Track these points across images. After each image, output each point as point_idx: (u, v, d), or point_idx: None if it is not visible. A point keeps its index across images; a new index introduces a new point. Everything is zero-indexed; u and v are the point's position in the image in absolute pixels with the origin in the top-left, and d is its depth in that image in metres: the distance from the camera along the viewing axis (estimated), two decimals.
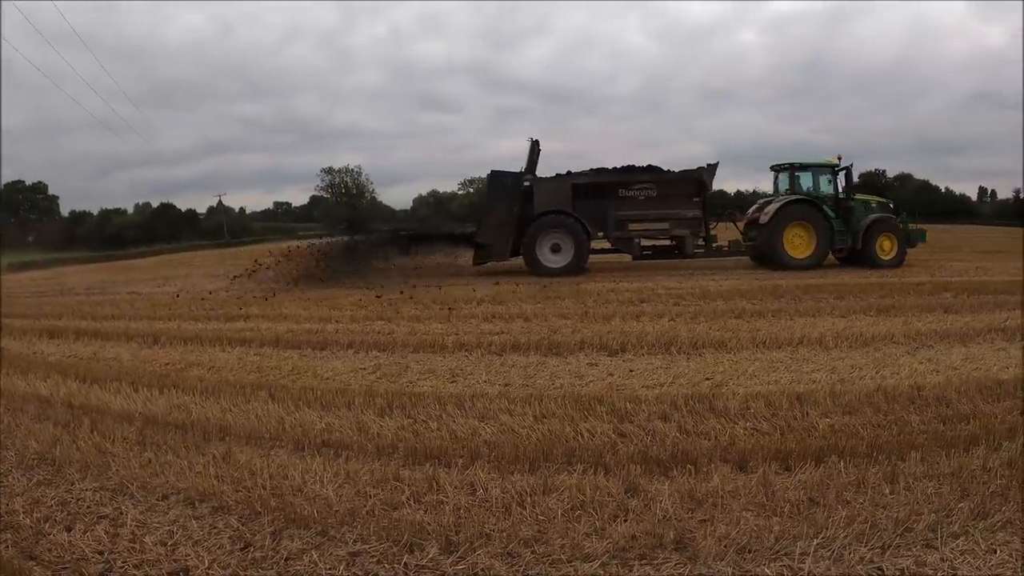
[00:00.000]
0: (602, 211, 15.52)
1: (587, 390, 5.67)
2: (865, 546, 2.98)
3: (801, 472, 3.83)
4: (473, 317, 9.60)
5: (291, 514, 3.40)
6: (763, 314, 9.36)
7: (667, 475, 3.87)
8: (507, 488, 3.68)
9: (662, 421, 4.74)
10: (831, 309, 9.68)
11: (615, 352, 7.06)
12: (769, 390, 5.43)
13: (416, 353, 7.31)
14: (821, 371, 6.16)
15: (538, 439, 4.43)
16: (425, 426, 4.81)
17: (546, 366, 6.58)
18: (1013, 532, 3.11)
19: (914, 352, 6.92)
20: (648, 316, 9.34)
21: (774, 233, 15.29)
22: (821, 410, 4.88)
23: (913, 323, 8.47)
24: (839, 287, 12.13)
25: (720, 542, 3.04)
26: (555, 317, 9.32)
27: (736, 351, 7.05)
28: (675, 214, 15.60)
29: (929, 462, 3.89)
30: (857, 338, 7.49)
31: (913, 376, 5.87)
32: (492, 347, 7.33)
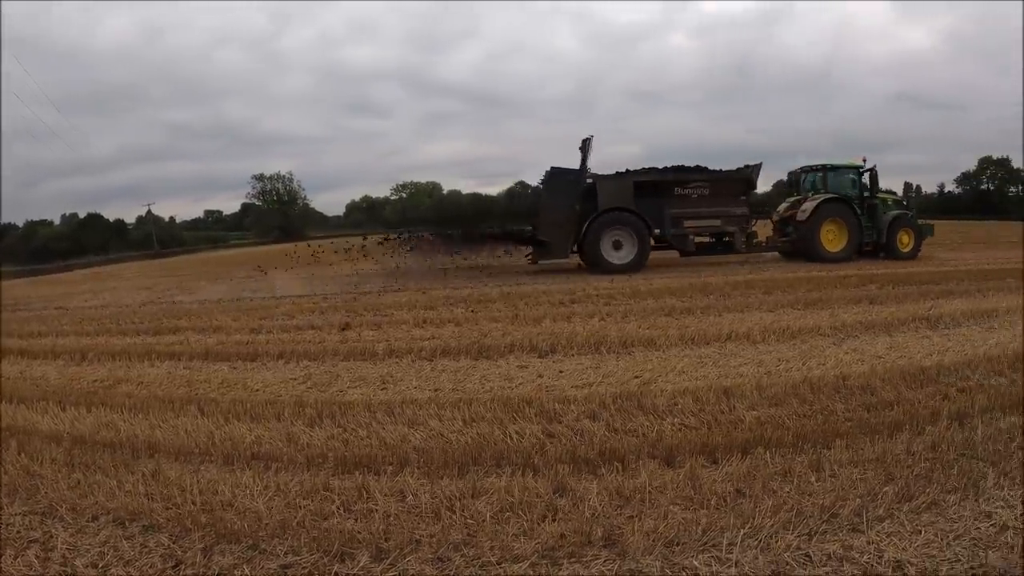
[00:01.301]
0: (659, 209, 17.75)
1: (516, 392, 6.19)
2: (792, 533, 3.46)
3: (728, 464, 4.35)
4: (404, 323, 10.24)
5: (222, 529, 3.70)
6: (692, 311, 10.37)
7: (595, 473, 4.33)
8: (436, 493, 4.05)
9: (591, 420, 5.26)
10: (759, 304, 10.85)
11: (545, 354, 7.74)
12: (697, 385, 6.09)
13: (347, 361, 7.82)
14: (748, 365, 6.91)
15: (467, 443, 4.86)
16: (355, 434, 5.20)
17: (476, 370, 7.15)
18: (938, 513, 3.68)
19: (840, 343, 7.88)
20: (579, 317, 10.18)
21: (812, 229, 18.43)
22: (748, 403, 5.53)
23: (839, 315, 9.58)
24: (768, 282, 13.56)
25: (648, 537, 3.46)
26: (486, 320, 10.08)
27: (665, 348, 7.81)
28: (725, 212, 18.18)
29: (854, 449, 4.52)
30: (784, 331, 8.43)
31: (839, 366, 6.70)
32: (423, 353, 7.93)
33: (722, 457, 4.50)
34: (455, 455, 4.64)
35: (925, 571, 3.17)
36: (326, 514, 3.86)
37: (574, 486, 4.11)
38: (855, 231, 18.77)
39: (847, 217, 18.76)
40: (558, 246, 17.67)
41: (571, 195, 17.48)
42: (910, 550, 3.34)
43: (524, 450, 4.70)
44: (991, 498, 3.88)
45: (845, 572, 3.18)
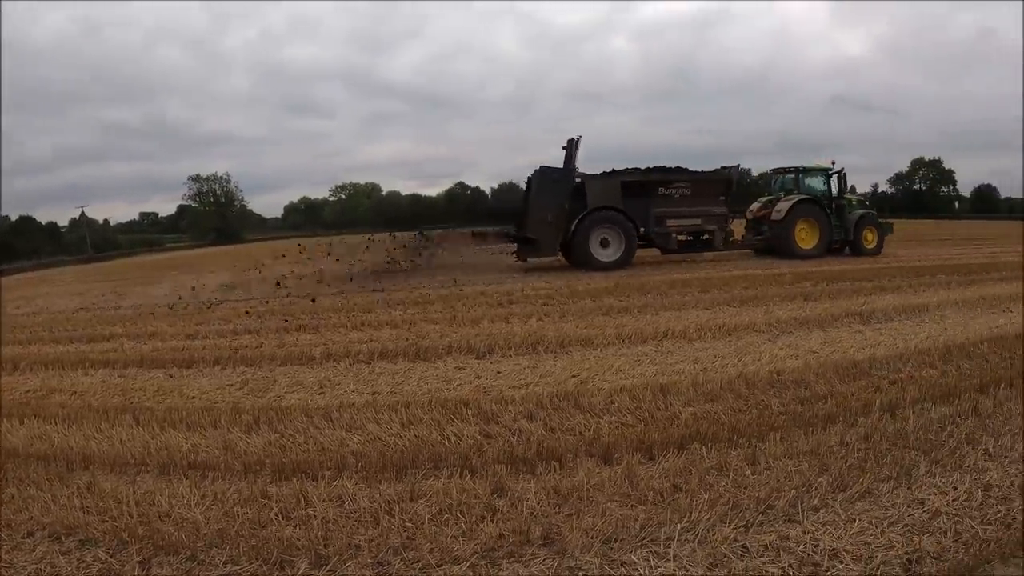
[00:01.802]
0: (644, 208, 18.78)
1: (454, 394, 6.28)
2: (729, 526, 3.59)
3: (665, 460, 4.48)
4: (342, 326, 10.26)
5: (159, 541, 3.67)
6: (629, 310, 10.66)
7: (533, 473, 4.42)
8: (375, 497, 4.08)
9: (528, 420, 5.36)
10: (696, 302, 11.26)
11: (483, 355, 7.86)
12: (634, 383, 6.26)
13: (284, 366, 7.82)
14: (685, 362, 7.14)
15: (405, 446, 4.92)
16: (292, 440, 5.20)
17: (414, 372, 7.22)
18: (872, 501, 3.87)
19: (775, 339, 8.21)
20: (517, 317, 10.34)
21: (787, 228, 20.09)
22: (684, 399, 5.71)
23: (774, 312, 10.00)
24: (704, 281, 14.01)
25: (586, 534, 3.54)
26: (424, 322, 10.16)
27: (603, 347, 8.02)
28: (706, 211, 19.41)
29: (789, 442, 4.72)
30: (720, 329, 8.73)
31: (773, 362, 7.00)
32: (360, 356, 7.97)
33: (659, 453, 4.63)
34: (393, 458, 4.69)
35: (860, 558, 3.31)
36: (264, 522, 3.86)
37: (512, 486, 4.18)
38: (826, 230, 20.57)
39: (818, 217, 20.53)
40: (547, 244, 18.41)
41: (560, 194, 18.26)
42: (845, 538, 3.49)
43: (462, 451, 4.77)
44: (923, 485, 4.10)
45: (782, 562, 3.30)
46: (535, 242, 18.39)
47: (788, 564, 3.28)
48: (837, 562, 3.30)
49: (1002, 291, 12.65)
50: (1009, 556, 3.39)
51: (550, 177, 18.40)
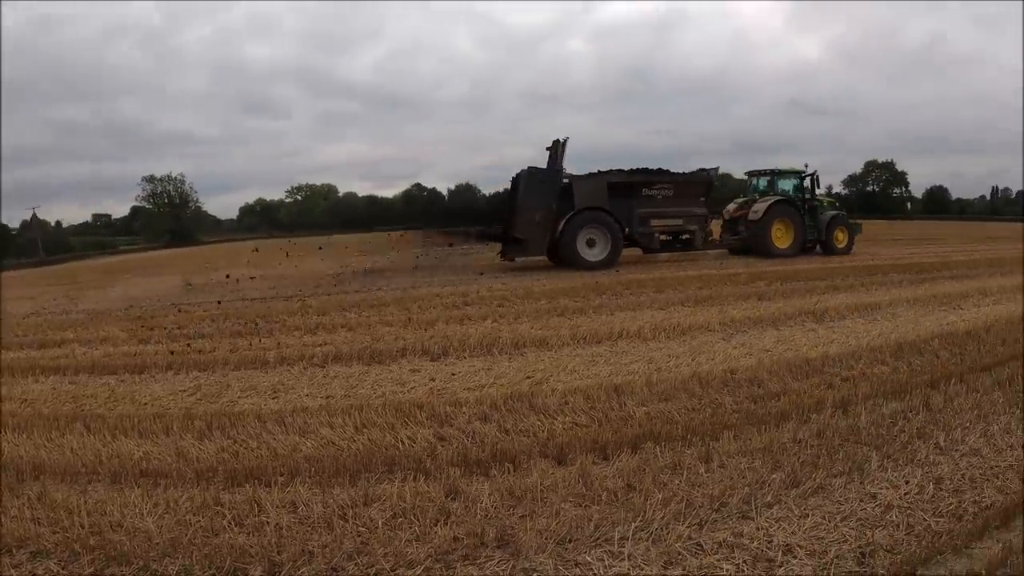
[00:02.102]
0: (628, 208, 19.52)
1: (408, 397, 6.29)
2: (683, 524, 3.63)
3: (619, 460, 4.53)
4: (297, 329, 10.19)
5: (111, 551, 3.61)
6: (585, 311, 10.77)
7: (487, 475, 4.44)
8: (328, 503, 4.05)
9: (482, 422, 5.39)
10: (651, 302, 11.43)
11: (437, 357, 7.88)
12: (588, 384, 6.32)
13: (237, 371, 7.74)
14: (639, 362, 7.23)
15: (358, 450, 4.90)
16: (245, 446, 5.15)
17: (368, 375, 7.21)
18: (825, 496, 3.96)
19: (729, 338, 8.36)
20: (472, 319, 10.38)
21: (764, 228, 21.10)
22: (638, 399, 5.77)
23: (729, 311, 10.18)
24: (659, 281, 14.23)
25: (541, 535, 3.56)
26: (379, 325, 10.15)
27: (557, 348, 8.08)
28: (688, 211, 20.26)
29: (742, 440, 4.81)
30: (675, 328, 8.86)
31: (727, 361, 7.13)
32: (314, 359, 7.93)
33: (613, 453, 4.67)
34: (346, 463, 4.67)
35: (814, 553, 3.38)
36: (217, 529, 3.82)
37: (466, 488, 4.19)
38: (800, 230, 21.73)
39: (793, 217, 21.72)
40: (535, 244, 18.96)
41: (548, 195, 18.81)
42: (799, 534, 3.57)
43: (416, 454, 4.77)
44: (875, 480, 4.22)
45: (736, 559, 3.35)
46: (524, 242, 18.91)
47: (742, 561, 3.34)
48: (791, 557, 3.36)
49: (953, 289, 13.10)
50: (961, 547, 3.49)
51: (538, 178, 18.96)
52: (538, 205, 18.64)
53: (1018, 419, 5.34)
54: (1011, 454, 4.66)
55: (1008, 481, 4.24)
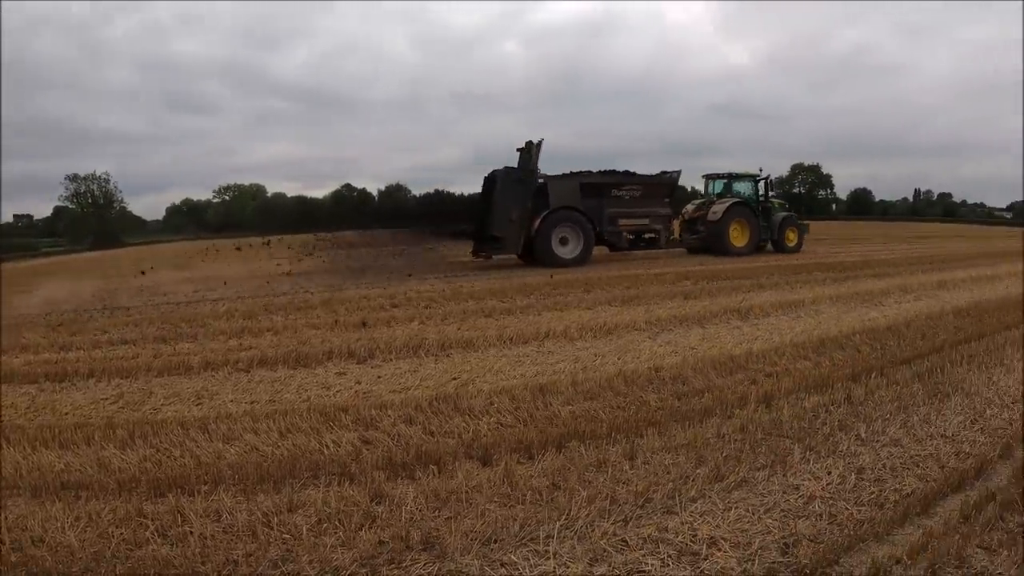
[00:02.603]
0: (599, 208, 20.70)
1: (334, 400, 6.25)
2: (608, 521, 3.72)
3: (544, 460, 4.60)
4: (222, 333, 9.97)
5: (33, 568, 3.53)
6: (512, 311, 10.87)
7: (412, 477, 4.46)
8: (253, 510, 4.00)
9: (407, 425, 5.40)
10: (578, 302, 11.60)
11: (364, 359, 7.84)
12: (513, 384, 6.41)
13: (161, 377, 7.54)
14: (565, 362, 7.34)
15: (283, 456, 4.86)
16: (168, 455, 5.03)
17: (294, 379, 7.14)
18: (748, 490, 4.11)
19: (655, 337, 8.57)
20: (399, 321, 10.34)
21: (722, 228, 22.75)
22: (563, 398, 5.87)
23: (655, 310, 10.45)
24: (587, 281, 14.47)
25: (466, 536, 3.59)
26: (305, 327, 10.02)
27: (483, 349, 8.15)
28: (653, 212, 21.70)
29: (667, 436, 4.95)
30: (601, 328, 9.04)
31: (653, 359, 7.31)
32: (239, 364, 7.79)
33: (538, 453, 4.74)
34: (270, 469, 4.63)
35: (738, 545, 3.50)
36: (141, 541, 3.74)
37: (391, 492, 4.20)
38: (755, 230, 23.55)
39: (749, 218, 23.52)
40: (511, 241, 19.77)
41: (524, 194, 19.76)
42: (723, 526, 3.69)
43: (340, 459, 4.75)
44: (798, 472, 4.39)
45: (661, 553, 3.44)
46: (501, 240, 19.70)
47: (667, 555, 3.43)
48: (715, 550, 3.46)
49: (875, 287, 13.72)
50: (883, 534, 3.67)
51: (514, 177, 19.87)
52: (515, 204, 19.51)
53: (937, 409, 5.65)
54: (930, 443, 4.92)
55: (928, 469, 4.48)
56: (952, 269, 18.49)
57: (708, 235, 23.30)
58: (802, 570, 3.30)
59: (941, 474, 4.41)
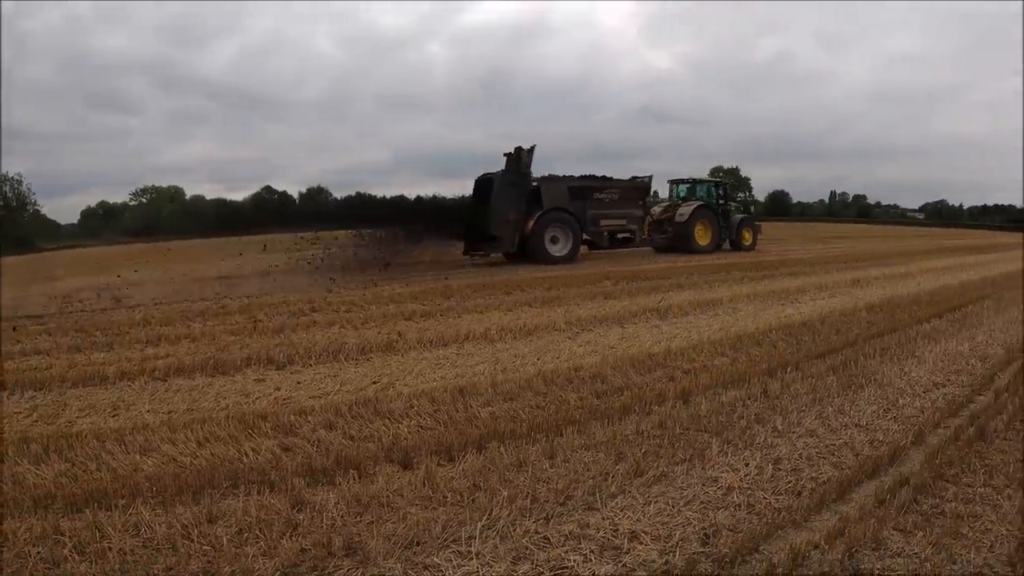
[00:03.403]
0: (583, 210, 22.81)
1: (253, 407, 6.17)
2: (529, 520, 3.79)
3: (464, 461, 4.65)
4: (138, 342, 9.69)
5: None
6: (432, 314, 10.93)
7: (333, 483, 4.45)
8: (172, 523, 3.93)
9: (327, 430, 5.38)
10: (498, 304, 11.73)
11: (283, 365, 7.76)
12: (434, 387, 6.45)
13: (76, 388, 7.30)
14: (485, 363, 7.42)
15: (202, 466, 4.77)
16: (84, 469, 4.88)
17: (212, 387, 7.01)
18: (668, 483, 4.25)
19: (575, 337, 8.75)
20: (319, 325, 10.25)
21: (688, 228, 25.54)
22: (483, 400, 5.94)
23: (575, 311, 10.66)
24: (507, 283, 14.64)
25: (389, 540, 3.61)
26: (223, 334, 9.83)
27: (404, 352, 8.17)
28: (629, 213, 24.06)
29: (586, 434, 5.07)
30: (521, 329, 9.18)
31: (572, 359, 7.46)
32: (156, 373, 7.59)
33: (458, 454, 4.79)
34: (189, 480, 4.56)
35: (659, 537, 3.62)
36: (58, 559, 3.64)
37: (312, 499, 4.19)
38: (717, 230, 26.56)
39: (711, 220, 26.47)
40: (507, 240, 21.35)
41: (519, 196, 21.52)
42: (644, 520, 3.80)
43: (260, 467, 4.71)
44: (716, 464, 4.56)
45: (583, 549, 3.52)
46: (498, 239, 21.30)
47: (589, 551, 3.51)
48: (637, 543, 3.57)
49: (791, 285, 14.29)
50: (801, 521, 3.85)
51: (510, 180, 21.55)
52: (511, 205, 21.23)
53: (851, 400, 5.95)
54: (845, 433, 5.19)
55: (843, 457, 4.72)
56: (866, 267, 19.35)
57: (675, 235, 25.80)
58: (722, 559, 3.43)
59: (856, 462, 4.64)
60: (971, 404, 6.04)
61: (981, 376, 6.86)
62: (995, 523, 3.83)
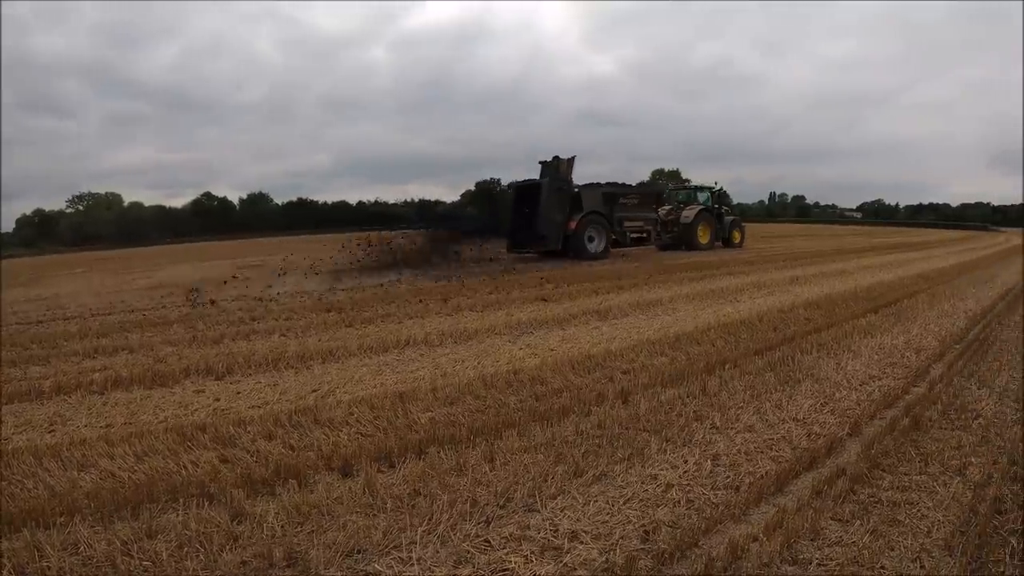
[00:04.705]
0: (611, 212, 26.33)
1: (192, 419, 6.07)
2: (470, 523, 3.83)
3: (404, 467, 4.66)
4: (75, 354, 9.45)
5: None
6: (373, 320, 10.93)
7: (273, 494, 4.43)
8: (111, 540, 3.86)
9: (266, 440, 5.35)
10: (440, 309, 11.76)
11: (222, 375, 7.66)
12: (373, 393, 6.46)
13: (10, 404, 7.11)
14: (425, 368, 7.44)
15: (140, 480, 4.69)
16: (21, 487, 4.78)
17: (151, 399, 6.89)
18: (607, 483, 4.32)
19: (515, 340, 8.83)
20: (259, 334, 10.16)
21: (693, 228, 29.26)
22: (423, 405, 5.96)
23: (516, 314, 10.76)
24: (447, 288, 14.76)
25: (330, 549, 3.61)
26: (162, 344, 9.69)
27: (344, 359, 8.15)
28: (646, 216, 28.00)
29: (526, 436, 5.13)
30: (462, 334, 9.22)
31: (512, 362, 7.53)
32: (94, 386, 7.44)
33: (398, 460, 4.80)
34: (128, 495, 4.49)
35: (599, 536, 3.69)
36: None
37: (252, 510, 4.16)
38: (714, 230, 30.42)
39: (710, 221, 30.33)
40: (553, 238, 24.48)
41: (563, 201, 24.69)
42: (584, 520, 3.87)
43: (199, 479, 4.65)
44: (655, 462, 4.66)
45: (524, 550, 3.57)
46: (546, 237, 24.39)
47: (530, 552, 3.56)
48: (578, 543, 3.62)
49: (730, 284, 14.62)
50: (740, 515, 3.97)
51: (556, 187, 24.59)
52: (557, 209, 24.45)
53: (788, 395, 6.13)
54: (783, 427, 5.34)
55: (781, 451, 4.86)
56: (804, 266, 19.85)
57: (681, 234, 29.43)
58: (662, 555, 3.50)
59: (793, 455, 4.78)
60: (906, 395, 6.28)
61: (916, 368, 7.12)
62: (931, 509, 3.99)
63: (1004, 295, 13.24)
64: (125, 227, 74.28)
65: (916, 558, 3.50)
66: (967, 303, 11.81)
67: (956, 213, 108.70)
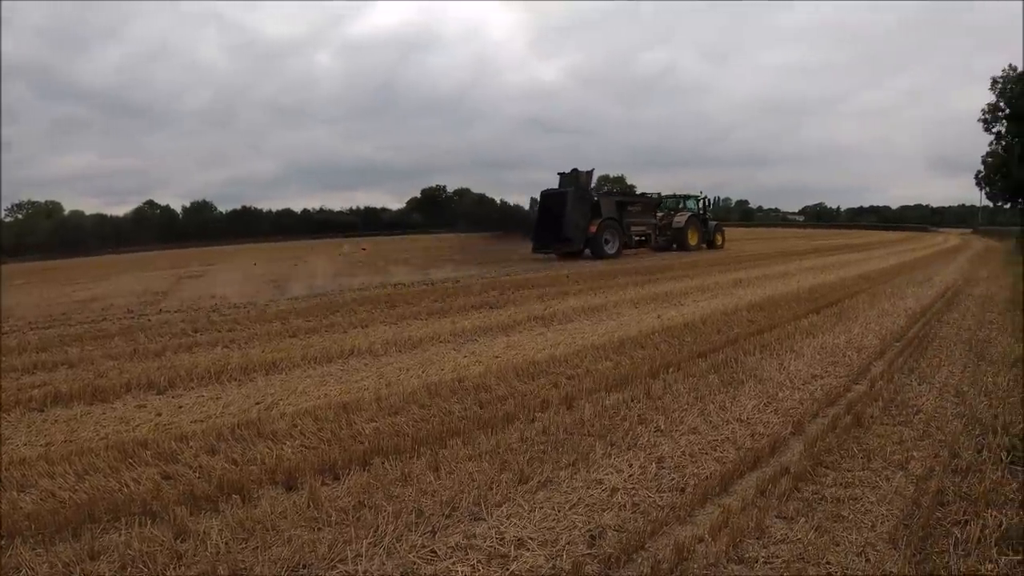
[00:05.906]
0: (622, 218, 30.05)
1: (133, 435, 5.94)
2: (416, 533, 3.83)
3: (349, 479, 4.64)
4: (13, 370, 9.16)
5: None
6: (317, 330, 10.82)
7: (216, 510, 4.36)
8: (53, 562, 3.77)
9: (209, 455, 5.26)
10: (384, 318, 11.71)
11: (164, 389, 7.51)
12: (317, 404, 6.41)
13: None
14: (370, 378, 7.41)
15: (81, 500, 4.57)
16: None
17: (91, 416, 6.73)
18: (553, 489, 4.36)
19: (459, 348, 8.85)
20: (201, 346, 9.97)
21: (684, 232, 33.02)
22: (367, 415, 5.94)
23: (460, 322, 10.76)
24: (392, 296, 14.67)
25: (275, 564, 3.58)
26: (102, 358, 9.44)
27: (288, 370, 8.06)
28: (648, 221, 32.02)
29: (471, 445, 5.14)
30: (406, 342, 9.21)
31: (456, 370, 7.55)
32: (32, 403, 7.25)
33: (343, 472, 4.78)
34: (69, 515, 4.37)
35: (546, 542, 3.71)
36: None
37: (195, 527, 4.10)
38: (702, 233, 34.33)
39: (699, 225, 34.32)
40: (577, 240, 27.90)
41: (586, 208, 28.37)
42: (530, 527, 3.90)
43: (141, 497, 4.55)
44: (600, 467, 4.71)
45: (470, 559, 3.58)
46: (571, 240, 27.65)
47: (476, 561, 3.57)
48: (524, 550, 3.65)
49: (674, 288, 14.86)
50: (685, 517, 4.04)
51: (579, 195, 28.05)
52: (580, 215, 27.92)
53: (732, 396, 6.26)
54: (727, 428, 5.46)
55: (725, 452, 4.97)
56: (748, 268, 20.27)
57: (674, 237, 33.01)
58: (608, 559, 3.55)
59: (737, 455, 4.89)
60: (848, 393, 6.47)
61: (857, 366, 7.34)
62: (875, 504, 4.12)
63: (943, 293, 13.72)
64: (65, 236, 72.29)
65: (861, 552, 3.60)
66: (907, 302, 12.20)
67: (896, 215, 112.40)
